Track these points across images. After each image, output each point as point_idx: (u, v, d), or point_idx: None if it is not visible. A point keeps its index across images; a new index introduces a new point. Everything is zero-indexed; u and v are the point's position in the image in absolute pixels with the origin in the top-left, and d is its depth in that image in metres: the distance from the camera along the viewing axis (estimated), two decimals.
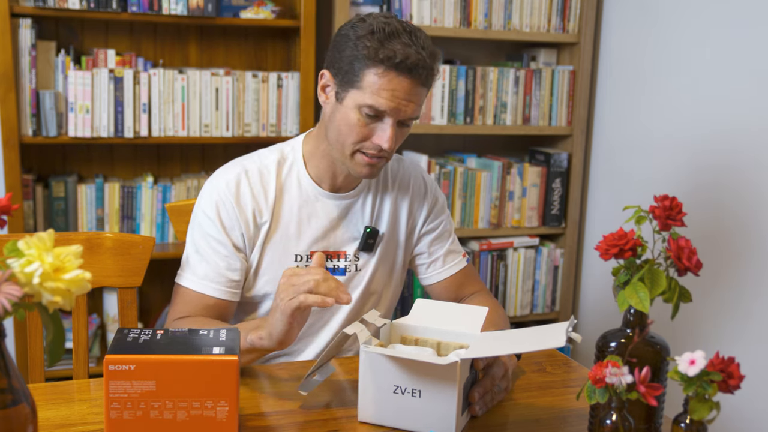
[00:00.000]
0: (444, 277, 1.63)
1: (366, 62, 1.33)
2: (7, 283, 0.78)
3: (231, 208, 1.45)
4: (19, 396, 0.85)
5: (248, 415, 1.21)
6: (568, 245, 2.93)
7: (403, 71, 1.32)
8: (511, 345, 1.17)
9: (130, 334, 1.08)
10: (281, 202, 1.49)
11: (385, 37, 1.32)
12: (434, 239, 1.62)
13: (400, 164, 1.62)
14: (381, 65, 1.32)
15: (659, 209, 1.04)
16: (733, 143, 2.26)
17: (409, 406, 1.15)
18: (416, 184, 1.62)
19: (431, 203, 1.62)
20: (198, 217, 1.48)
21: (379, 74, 1.33)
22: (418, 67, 1.33)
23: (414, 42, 1.33)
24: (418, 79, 1.34)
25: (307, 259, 1.50)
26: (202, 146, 2.75)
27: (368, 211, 1.55)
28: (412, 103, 1.36)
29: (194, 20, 2.46)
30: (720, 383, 0.93)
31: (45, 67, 2.41)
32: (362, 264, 1.55)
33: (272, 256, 1.49)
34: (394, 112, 1.35)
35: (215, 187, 1.47)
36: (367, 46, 1.33)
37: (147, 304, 2.78)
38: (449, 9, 2.65)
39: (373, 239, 1.54)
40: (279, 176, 1.49)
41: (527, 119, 2.83)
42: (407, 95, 1.34)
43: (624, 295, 1.03)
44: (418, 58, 1.32)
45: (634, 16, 2.67)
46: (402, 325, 1.30)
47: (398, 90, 1.33)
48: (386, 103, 1.33)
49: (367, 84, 1.34)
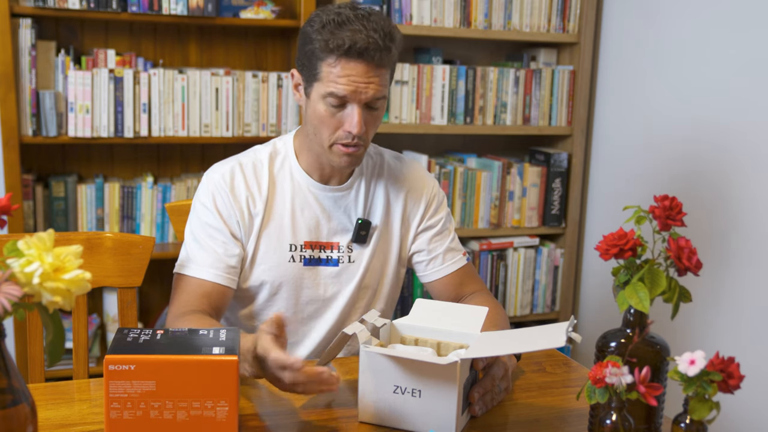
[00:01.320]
0: (443, 274, 1.63)
1: (320, 54, 1.39)
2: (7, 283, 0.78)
3: (227, 197, 1.50)
4: (19, 396, 0.85)
5: (248, 415, 1.21)
6: (568, 245, 2.93)
7: (353, 56, 1.37)
8: (511, 345, 1.17)
9: (130, 334, 1.08)
10: (274, 193, 1.53)
11: (336, 27, 1.38)
12: (434, 236, 1.63)
13: (399, 161, 1.65)
14: (332, 55, 1.38)
15: (659, 209, 1.04)
16: (734, 143, 2.26)
17: (409, 406, 1.15)
18: (413, 179, 1.63)
19: (429, 199, 1.63)
20: (196, 208, 1.53)
21: (332, 64, 1.38)
22: (369, 50, 1.37)
23: (365, 26, 1.37)
24: (371, 61, 1.38)
25: (302, 249, 1.53)
26: (202, 146, 2.75)
27: (361, 202, 1.57)
28: (372, 84, 1.40)
29: (194, 20, 2.46)
30: (720, 383, 0.93)
31: (45, 67, 2.41)
32: (355, 256, 1.57)
33: (267, 246, 1.52)
34: (354, 95, 1.39)
35: (211, 179, 1.52)
36: (319, 39, 1.39)
37: (147, 304, 2.78)
38: (449, 9, 2.65)
39: (366, 231, 1.56)
40: (272, 169, 1.54)
41: (527, 119, 2.83)
42: (364, 78, 1.39)
43: (624, 295, 1.03)
44: (369, 41, 1.36)
45: (634, 16, 2.67)
46: (402, 325, 1.30)
47: (353, 75, 1.38)
48: (344, 88, 1.38)
49: (325, 75, 1.39)
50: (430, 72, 2.68)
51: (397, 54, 1.44)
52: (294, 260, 1.53)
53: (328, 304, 1.57)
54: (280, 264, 1.52)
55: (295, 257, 1.53)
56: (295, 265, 1.53)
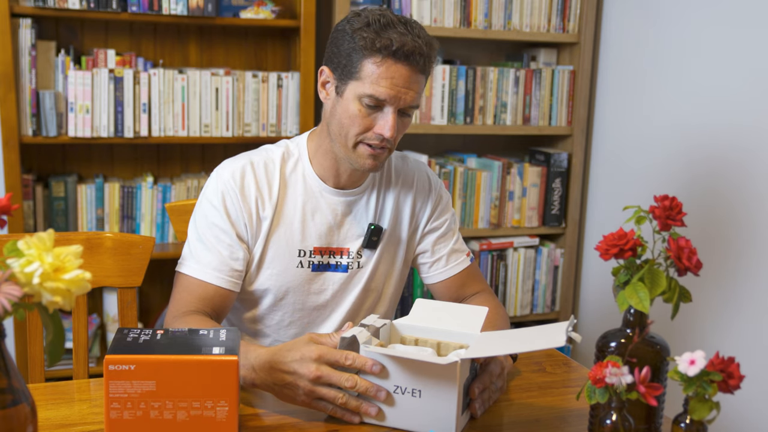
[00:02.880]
0: (446, 276, 1.62)
1: (363, 53, 1.36)
2: (7, 283, 0.78)
3: (236, 198, 1.46)
4: (19, 396, 0.85)
5: (248, 415, 1.21)
6: (568, 245, 2.93)
7: (400, 58, 1.35)
8: (511, 345, 1.17)
9: (130, 334, 1.08)
10: (285, 196, 1.49)
11: (381, 28, 1.35)
12: (438, 238, 1.62)
13: (404, 162, 1.63)
14: (378, 54, 1.35)
15: (659, 209, 1.04)
16: (734, 143, 2.26)
17: (409, 406, 1.15)
18: (420, 181, 1.61)
19: (435, 201, 1.62)
20: (203, 206, 1.48)
21: (377, 63, 1.35)
22: (414, 54, 1.35)
23: (410, 31, 1.36)
24: (415, 65, 1.36)
25: (311, 255, 1.50)
26: (202, 146, 2.75)
27: (372, 208, 1.55)
28: (412, 91, 1.38)
29: (194, 20, 2.46)
30: (720, 383, 0.93)
31: (45, 67, 2.41)
32: (364, 261, 1.55)
33: (275, 251, 1.49)
34: (393, 99, 1.37)
35: (221, 177, 1.48)
36: (363, 38, 1.35)
37: (147, 304, 2.78)
38: (449, 9, 2.65)
39: (377, 236, 1.54)
40: (283, 171, 1.50)
41: (527, 119, 2.83)
42: (406, 83, 1.37)
43: (624, 295, 1.03)
44: (415, 45, 1.35)
45: (634, 16, 2.67)
46: (402, 325, 1.29)
47: (396, 78, 1.35)
48: (386, 92, 1.36)
49: (366, 74, 1.36)
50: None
51: (433, 64, 1.43)
52: (302, 266, 1.50)
53: (333, 309, 1.56)
54: (287, 269, 1.50)
55: (304, 263, 1.50)
56: (302, 271, 1.51)
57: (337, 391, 1.16)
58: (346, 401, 1.16)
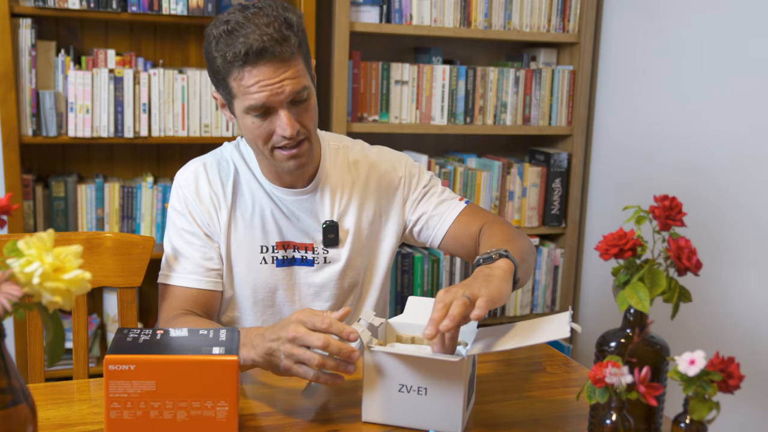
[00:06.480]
0: (447, 225, 1.56)
1: (224, 73, 1.34)
2: (7, 283, 0.78)
3: (193, 200, 1.48)
4: (19, 396, 0.85)
5: (248, 415, 1.21)
6: (568, 245, 2.93)
7: (255, 60, 1.30)
8: (514, 339, 1.17)
9: (130, 334, 1.08)
10: (240, 194, 1.50)
11: (227, 37, 1.31)
12: (423, 201, 1.59)
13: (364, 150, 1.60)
14: (234, 67, 1.32)
15: (659, 209, 1.04)
16: (734, 143, 2.26)
17: (414, 404, 1.15)
18: (382, 165, 1.58)
19: (405, 178, 1.59)
20: (170, 214, 1.52)
21: (239, 76, 1.32)
22: (267, 49, 1.29)
23: (257, 25, 1.30)
24: (274, 57, 1.31)
25: (273, 250, 1.50)
26: (202, 146, 2.74)
27: (327, 203, 1.53)
28: (287, 80, 1.32)
29: (194, 20, 2.46)
30: (720, 383, 0.93)
31: (45, 67, 2.41)
32: (332, 257, 1.53)
33: (238, 248, 1.50)
34: (271, 100, 1.33)
35: (177, 182, 1.52)
36: (215, 57, 1.34)
37: (147, 304, 2.78)
38: (449, 9, 2.65)
39: (334, 233, 1.52)
40: (237, 169, 1.51)
41: (527, 119, 2.83)
42: (274, 78, 1.32)
43: (624, 295, 1.03)
44: (263, 39, 1.29)
45: (634, 16, 2.67)
46: (397, 324, 1.29)
47: (263, 79, 1.31)
48: (261, 97, 1.32)
49: (237, 90, 1.34)
50: (430, 72, 2.68)
51: (302, 36, 1.37)
52: (266, 261, 1.50)
53: (321, 305, 1.54)
54: (251, 265, 1.50)
55: (267, 258, 1.50)
56: (267, 267, 1.50)
57: (313, 353, 1.14)
58: (323, 362, 1.14)
